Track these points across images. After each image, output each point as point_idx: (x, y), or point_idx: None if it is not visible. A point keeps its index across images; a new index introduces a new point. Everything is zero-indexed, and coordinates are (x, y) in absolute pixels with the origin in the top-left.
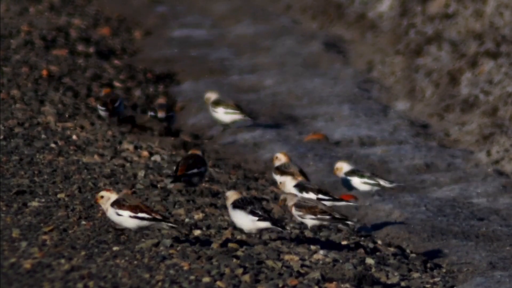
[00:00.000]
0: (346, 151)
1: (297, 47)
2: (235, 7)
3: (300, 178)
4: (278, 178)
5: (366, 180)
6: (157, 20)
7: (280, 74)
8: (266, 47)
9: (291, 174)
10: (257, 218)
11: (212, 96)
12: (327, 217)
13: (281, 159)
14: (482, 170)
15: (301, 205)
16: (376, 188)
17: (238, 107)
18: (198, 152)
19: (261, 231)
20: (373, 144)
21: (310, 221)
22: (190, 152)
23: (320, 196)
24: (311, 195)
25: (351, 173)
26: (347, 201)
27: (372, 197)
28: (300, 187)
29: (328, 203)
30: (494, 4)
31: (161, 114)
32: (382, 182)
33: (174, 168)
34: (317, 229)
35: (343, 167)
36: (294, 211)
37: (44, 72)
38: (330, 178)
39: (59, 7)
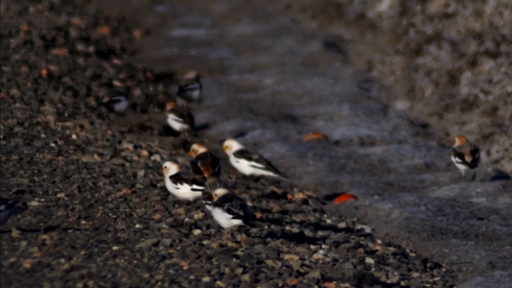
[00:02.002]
0: (345, 150)
1: (297, 47)
2: (234, 7)
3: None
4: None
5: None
6: (157, 20)
7: (280, 73)
8: (266, 47)
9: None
10: (231, 216)
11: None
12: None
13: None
14: (482, 169)
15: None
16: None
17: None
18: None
19: (239, 227)
20: (373, 144)
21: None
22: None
23: (194, 186)
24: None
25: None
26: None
27: (372, 197)
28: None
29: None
30: (493, 3)
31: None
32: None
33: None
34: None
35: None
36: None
37: (44, 72)
38: (330, 177)
39: (58, 6)
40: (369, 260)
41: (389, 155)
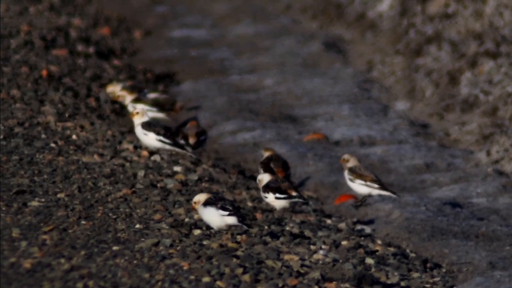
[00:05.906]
0: (346, 150)
1: (297, 47)
2: (235, 7)
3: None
4: None
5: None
6: (157, 20)
7: (280, 74)
8: (266, 47)
9: None
10: (227, 213)
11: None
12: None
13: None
14: (482, 170)
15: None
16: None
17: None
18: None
19: (230, 227)
20: (373, 144)
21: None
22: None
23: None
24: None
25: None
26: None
27: (372, 197)
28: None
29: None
30: (494, 4)
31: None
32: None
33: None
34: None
35: None
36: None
37: (44, 72)
38: (330, 177)
39: (59, 7)
40: (369, 261)
41: (389, 155)
